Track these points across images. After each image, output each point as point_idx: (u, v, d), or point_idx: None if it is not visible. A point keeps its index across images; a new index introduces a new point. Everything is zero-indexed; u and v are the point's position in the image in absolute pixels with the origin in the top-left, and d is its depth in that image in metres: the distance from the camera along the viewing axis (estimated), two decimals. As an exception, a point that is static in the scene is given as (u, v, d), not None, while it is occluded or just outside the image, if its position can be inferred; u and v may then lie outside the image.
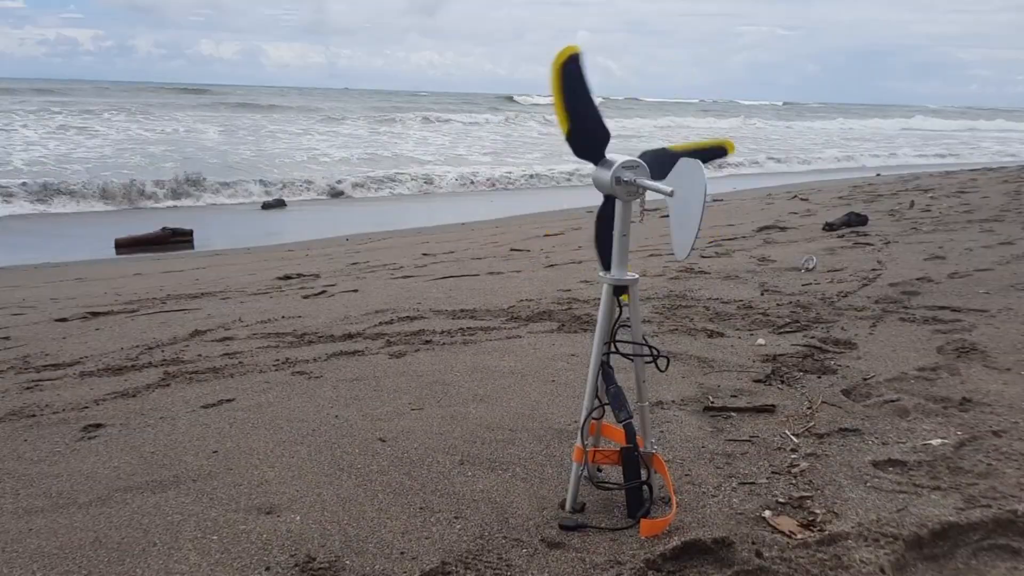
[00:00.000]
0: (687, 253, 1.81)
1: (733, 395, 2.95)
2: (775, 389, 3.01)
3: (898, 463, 2.33)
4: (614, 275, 2.03)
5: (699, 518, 2.04)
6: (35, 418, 2.86)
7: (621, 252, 2.01)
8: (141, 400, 3.04)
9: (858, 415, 2.71)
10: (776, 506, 2.09)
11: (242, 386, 3.18)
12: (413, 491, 2.24)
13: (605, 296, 2.04)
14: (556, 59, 1.88)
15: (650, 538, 1.96)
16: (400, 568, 1.85)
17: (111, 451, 2.55)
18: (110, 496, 2.23)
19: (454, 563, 1.86)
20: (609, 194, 2.00)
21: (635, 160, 1.94)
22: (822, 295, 4.51)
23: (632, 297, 2.04)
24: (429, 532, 2.01)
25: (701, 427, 2.66)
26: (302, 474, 2.35)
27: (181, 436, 2.66)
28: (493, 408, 2.89)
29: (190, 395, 3.09)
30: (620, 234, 2.00)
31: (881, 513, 2.01)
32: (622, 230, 1.99)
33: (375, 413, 2.85)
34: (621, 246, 2.01)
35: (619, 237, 2.00)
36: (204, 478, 2.34)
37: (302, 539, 1.98)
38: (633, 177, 1.92)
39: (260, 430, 2.70)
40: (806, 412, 2.75)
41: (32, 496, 2.25)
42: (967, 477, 2.21)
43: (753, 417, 2.73)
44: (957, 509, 2.00)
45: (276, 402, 2.98)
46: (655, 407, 2.83)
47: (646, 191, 1.93)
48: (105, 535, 2.02)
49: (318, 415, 2.84)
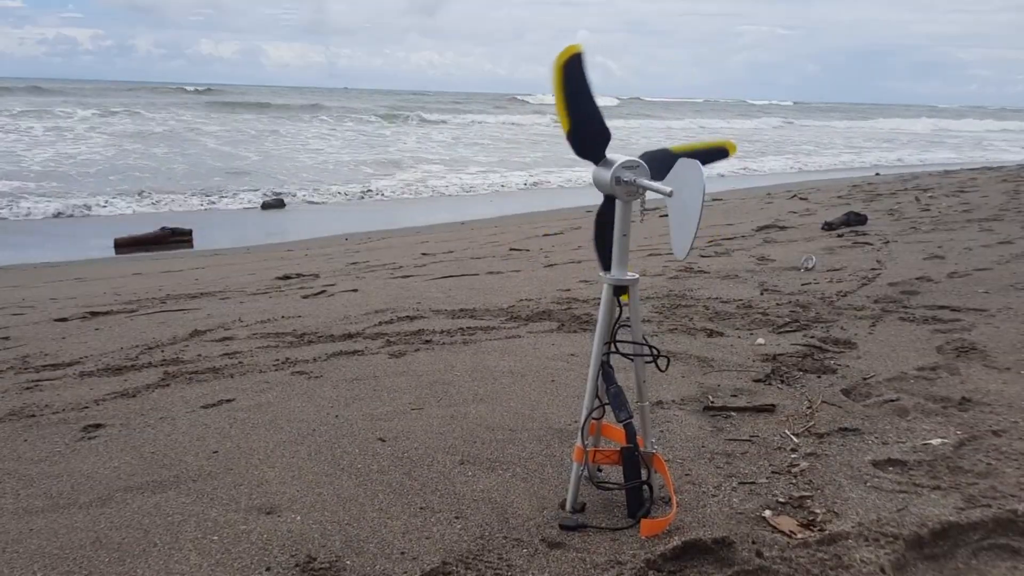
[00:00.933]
0: (686, 253, 1.81)
1: (733, 394, 2.95)
2: (775, 389, 3.01)
3: (898, 463, 2.33)
4: (614, 275, 2.03)
5: (699, 518, 2.04)
6: (35, 418, 2.86)
7: (621, 252, 2.01)
8: (141, 400, 3.04)
9: (858, 415, 2.71)
10: (776, 506, 2.09)
11: (242, 386, 3.18)
12: (413, 491, 2.24)
13: (605, 296, 2.04)
14: (558, 58, 1.88)
15: (650, 538, 1.96)
16: (401, 568, 1.85)
17: (111, 451, 2.55)
18: (111, 496, 2.23)
19: (454, 563, 1.86)
20: (609, 194, 2.00)
21: (635, 160, 1.94)
22: (821, 295, 4.51)
23: (632, 297, 2.04)
24: (429, 532, 2.01)
25: (701, 427, 2.66)
26: (302, 474, 2.35)
27: (181, 436, 2.66)
28: (493, 408, 2.89)
29: (190, 395, 3.09)
30: (620, 234, 2.00)
31: (881, 513, 2.01)
32: (622, 230, 1.99)
33: (375, 413, 2.85)
34: (621, 246, 2.01)
35: (619, 237, 2.00)
36: (204, 478, 2.34)
37: (303, 539, 1.98)
38: (633, 177, 1.92)
39: (260, 430, 2.70)
40: (806, 412, 2.75)
41: (32, 496, 2.25)
42: (968, 477, 2.21)
43: (753, 417, 2.73)
44: (957, 509, 2.00)
45: (276, 402, 2.98)
46: (655, 407, 2.83)
47: (646, 191, 1.93)
48: (106, 535, 2.02)
49: (318, 415, 2.84)
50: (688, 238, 1.77)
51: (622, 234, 2.00)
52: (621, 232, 2.00)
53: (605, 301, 2.04)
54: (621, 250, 2.01)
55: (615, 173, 1.93)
